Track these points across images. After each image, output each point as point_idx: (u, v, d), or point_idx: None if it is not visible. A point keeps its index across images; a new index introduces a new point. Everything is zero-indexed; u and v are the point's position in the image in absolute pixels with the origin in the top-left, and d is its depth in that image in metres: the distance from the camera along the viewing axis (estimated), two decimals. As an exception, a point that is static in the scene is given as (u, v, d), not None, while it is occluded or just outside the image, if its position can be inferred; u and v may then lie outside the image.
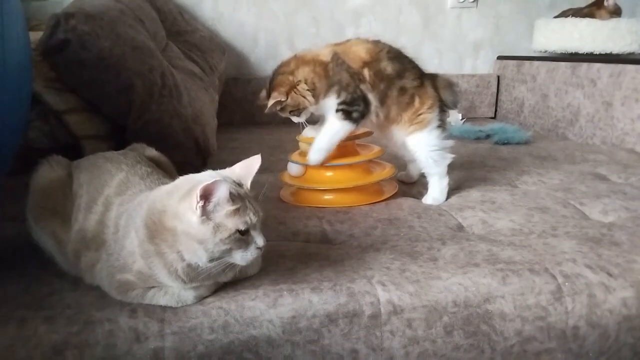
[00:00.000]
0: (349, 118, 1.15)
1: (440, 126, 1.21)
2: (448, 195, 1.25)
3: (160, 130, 1.37)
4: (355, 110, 1.15)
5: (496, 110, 2.55)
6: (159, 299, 0.76)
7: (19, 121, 1.05)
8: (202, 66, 1.89)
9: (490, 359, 0.82)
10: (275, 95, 1.13)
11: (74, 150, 1.28)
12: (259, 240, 0.74)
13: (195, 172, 0.78)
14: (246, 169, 0.79)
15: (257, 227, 0.74)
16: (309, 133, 1.23)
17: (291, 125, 1.23)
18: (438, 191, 1.23)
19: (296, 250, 0.96)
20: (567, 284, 0.86)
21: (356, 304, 0.80)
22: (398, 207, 1.19)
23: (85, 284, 0.82)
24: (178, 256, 0.72)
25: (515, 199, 1.23)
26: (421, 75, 1.21)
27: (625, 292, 0.86)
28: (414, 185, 1.37)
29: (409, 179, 1.39)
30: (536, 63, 2.26)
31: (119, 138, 1.37)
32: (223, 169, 0.80)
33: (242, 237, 0.72)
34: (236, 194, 0.72)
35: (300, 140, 1.27)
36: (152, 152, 1.00)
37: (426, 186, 1.25)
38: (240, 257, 0.73)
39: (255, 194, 0.77)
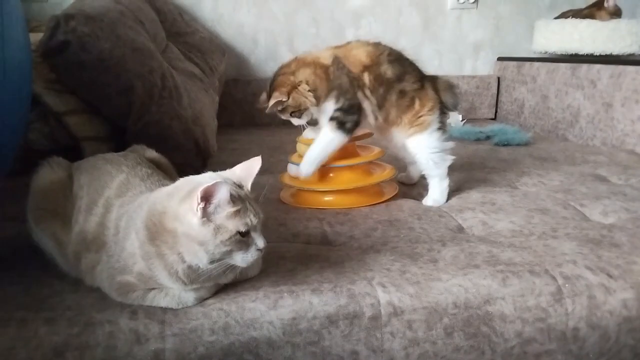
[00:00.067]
0: (342, 128, 1.15)
1: (440, 128, 1.21)
2: (448, 197, 1.25)
3: (161, 131, 1.38)
4: (350, 121, 1.15)
5: (496, 112, 2.55)
6: (160, 300, 0.77)
7: (19, 121, 1.05)
8: (202, 67, 1.89)
9: (490, 360, 0.83)
10: (276, 95, 1.13)
11: (74, 151, 1.28)
12: (260, 241, 0.74)
13: (196, 174, 0.78)
14: (246, 171, 0.79)
15: (258, 229, 0.75)
16: (309, 135, 1.24)
17: (291, 127, 1.23)
18: (438, 193, 1.23)
19: (296, 251, 0.96)
20: (568, 285, 0.86)
21: (356, 305, 0.80)
22: (398, 209, 1.19)
23: (86, 285, 0.82)
24: (178, 258, 0.72)
25: (515, 200, 1.23)
26: (421, 78, 1.21)
27: (626, 294, 0.86)
28: (414, 186, 1.37)
29: (409, 181, 1.39)
30: (536, 64, 2.26)
31: (119, 139, 1.37)
32: (223, 170, 0.80)
33: (243, 239, 0.72)
34: (237, 196, 0.72)
35: (300, 141, 1.27)
36: (153, 154, 1.00)
37: (426, 187, 1.25)
38: (241, 259, 0.73)
39: (255, 196, 0.77)
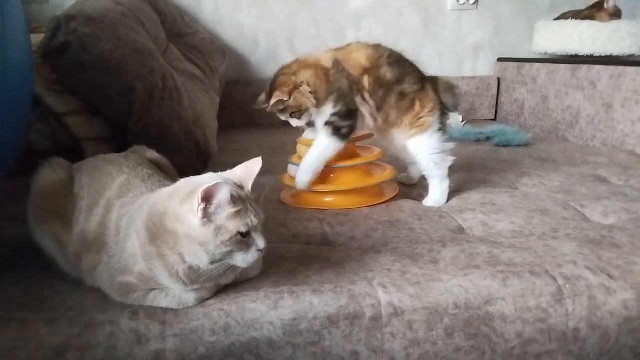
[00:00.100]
0: (338, 134, 1.15)
1: (441, 129, 1.21)
2: (449, 198, 1.25)
3: (161, 132, 1.38)
4: (345, 126, 1.15)
5: (496, 113, 2.55)
6: (160, 301, 0.77)
7: (20, 122, 1.05)
8: (203, 68, 1.89)
9: (491, 361, 0.83)
10: (277, 94, 1.13)
11: (74, 152, 1.28)
12: (260, 242, 0.74)
13: (196, 175, 0.78)
14: (247, 172, 0.79)
15: (258, 230, 0.75)
16: (309, 135, 1.24)
17: (291, 128, 1.23)
18: (439, 193, 1.23)
19: (297, 252, 0.96)
20: (568, 285, 0.86)
21: (357, 306, 0.80)
22: (399, 209, 1.19)
23: (87, 286, 0.82)
24: (179, 258, 0.72)
25: (515, 201, 1.23)
26: (422, 79, 1.21)
27: (626, 294, 0.86)
28: (414, 187, 1.37)
29: (409, 181, 1.39)
30: (536, 65, 2.27)
31: (120, 140, 1.37)
32: (224, 171, 0.80)
33: (243, 240, 0.72)
34: (237, 197, 0.72)
35: (301, 142, 1.27)
36: (153, 155, 1.00)
37: (427, 188, 1.26)
38: (241, 259, 0.73)
39: (256, 196, 0.77)
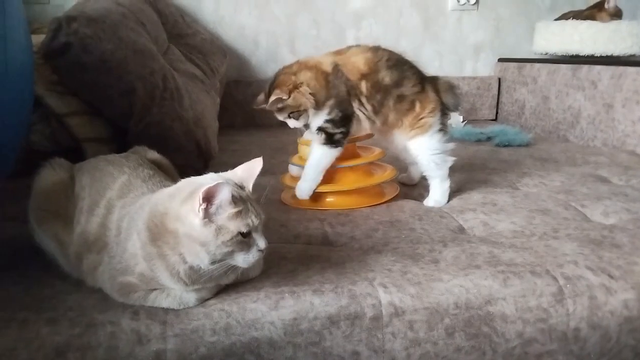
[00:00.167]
0: (330, 142, 1.16)
1: (441, 130, 1.21)
2: (449, 198, 1.25)
3: (162, 133, 1.38)
4: (339, 133, 1.15)
5: (497, 113, 2.55)
6: (161, 301, 0.77)
7: (21, 123, 1.05)
8: (204, 69, 1.90)
9: (491, 361, 0.83)
10: (277, 92, 1.12)
11: (75, 153, 1.28)
12: (261, 242, 0.74)
13: (197, 175, 0.78)
14: (248, 172, 0.79)
15: (259, 230, 0.75)
16: (310, 136, 1.24)
17: (292, 128, 1.23)
18: (439, 193, 1.23)
19: (297, 252, 0.96)
20: (569, 285, 0.86)
21: (358, 306, 0.80)
22: (399, 209, 1.19)
23: (87, 286, 0.82)
24: (180, 258, 0.72)
25: (516, 201, 1.23)
26: (422, 80, 1.21)
27: (627, 294, 0.86)
28: (415, 187, 1.37)
29: (410, 181, 1.39)
30: (537, 65, 2.27)
31: (121, 141, 1.37)
32: (225, 171, 0.80)
33: (244, 240, 0.72)
34: (238, 197, 0.72)
35: (302, 143, 1.27)
36: (154, 155, 1.00)
37: (427, 188, 1.26)
38: (242, 260, 0.73)
39: (256, 197, 0.77)
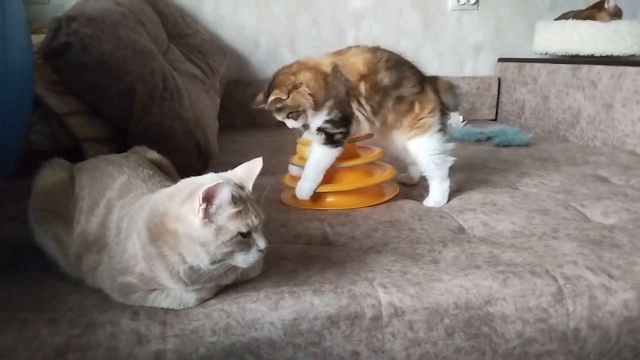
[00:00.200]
0: (330, 142, 1.16)
1: (441, 130, 1.21)
2: (449, 198, 1.25)
3: (162, 133, 1.38)
4: (338, 133, 1.15)
5: (497, 113, 2.55)
6: (161, 301, 0.77)
7: (20, 123, 1.05)
8: (204, 69, 1.90)
9: (491, 361, 0.83)
10: (276, 92, 1.12)
11: (75, 153, 1.28)
12: (261, 242, 0.74)
13: (197, 175, 0.78)
14: (248, 172, 0.79)
15: (259, 230, 0.75)
16: (309, 136, 1.23)
17: (292, 128, 1.23)
18: (439, 194, 1.23)
19: (297, 252, 0.96)
20: (568, 285, 0.86)
21: (357, 306, 0.80)
22: (399, 209, 1.19)
23: (87, 286, 0.82)
24: (180, 258, 0.72)
25: (516, 201, 1.23)
26: (421, 80, 1.21)
27: (626, 294, 0.86)
28: (414, 187, 1.37)
29: (409, 181, 1.39)
30: (537, 65, 2.27)
31: (121, 141, 1.37)
32: (224, 171, 0.80)
33: (244, 240, 0.72)
34: (238, 197, 0.72)
35: (301, 143, 1.27)
36: (154, 155, 1.00)
37: (427, 188, 1.26)
38: (242, 260, 0.73)
39: (256, 197, 0.77)
